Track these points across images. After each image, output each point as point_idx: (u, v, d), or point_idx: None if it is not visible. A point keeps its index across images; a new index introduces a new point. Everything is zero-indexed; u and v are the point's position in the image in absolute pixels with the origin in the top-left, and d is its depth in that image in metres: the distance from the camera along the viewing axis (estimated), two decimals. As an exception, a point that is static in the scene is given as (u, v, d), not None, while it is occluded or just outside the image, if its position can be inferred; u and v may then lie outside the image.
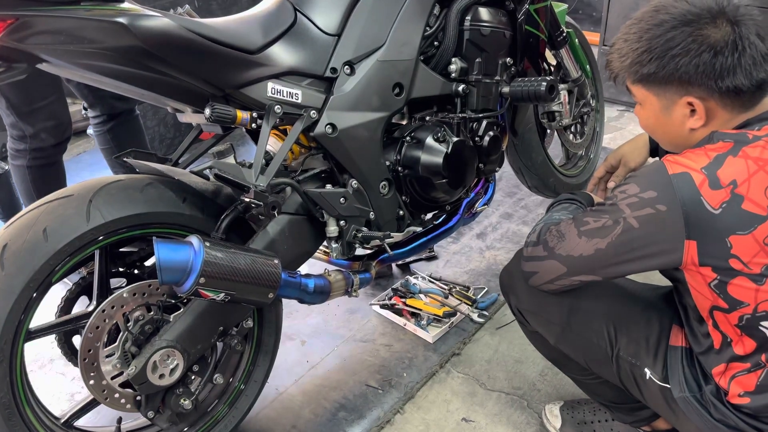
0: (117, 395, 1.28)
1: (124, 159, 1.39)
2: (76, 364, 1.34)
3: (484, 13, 1.62)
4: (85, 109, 3.35)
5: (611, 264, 1.11)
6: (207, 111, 1.23)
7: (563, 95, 2.18)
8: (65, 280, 1.22)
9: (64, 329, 1.29)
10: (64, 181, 2.15)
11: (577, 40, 2.20)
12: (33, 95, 1.91)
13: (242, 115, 1.28)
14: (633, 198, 1.05)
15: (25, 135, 1.97)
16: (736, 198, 0.98)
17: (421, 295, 2.01)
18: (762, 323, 1.04)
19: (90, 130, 3.31)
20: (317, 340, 1.91)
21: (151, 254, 1.39)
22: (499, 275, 1.45)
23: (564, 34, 2.02)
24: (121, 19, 1.08)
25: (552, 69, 2.12)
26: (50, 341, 1.42)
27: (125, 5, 1.13)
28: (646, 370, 1.21)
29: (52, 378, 1.83)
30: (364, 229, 1.50)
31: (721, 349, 1.11)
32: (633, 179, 1.08)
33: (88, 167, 3.11)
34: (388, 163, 1.55)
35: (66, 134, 2.05)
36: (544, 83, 1.58)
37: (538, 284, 1.26)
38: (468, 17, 1.59)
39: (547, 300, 1.31)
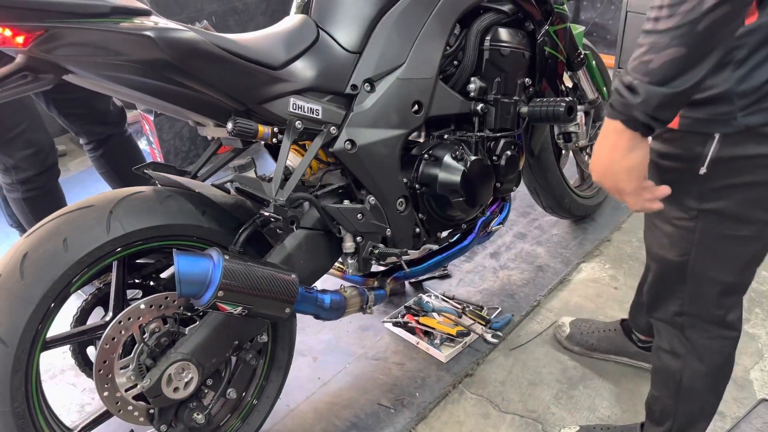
0: (130, 408, 1.27)
1: (144, 171, 1.39)
2: (89, 375, 1.34)
3: (503, 33, 1.63)
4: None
5: None
6: (229, 125, 1.24)
7: (580, 116, 2.18)
8: (79, 291, 1.22)
9: (80, 340, 1.29)
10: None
11: (594, 62, 2.20)
12: (2, 126, 1.84)
13: (263, 129, 1.29)
14: None
15: (7, 167, 1.93)
16: None
17: (434, 314, 2.00)
18: None
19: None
20: (329, 357, 1.89)
21: (168, 266, 1.39)
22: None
23: (582, 56, 2.03)
24: (148, 33, 1.10)
25: (569, 90, 2.13)
26: (62, 351, 1.41)
27: (152, 19, 1.14)
28: None
29: (64, 389, 1.83)
30: (381, 245, 1.50)
31: None
32: None
33: (102, 178, 3.13)
34: (405, 180, 1.55)
35: (48, 161, 1.97)
36: (564, 104, 1.58)
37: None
38: (488, 37, 1.60)
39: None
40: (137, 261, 1.37)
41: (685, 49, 0.81)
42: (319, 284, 1.49)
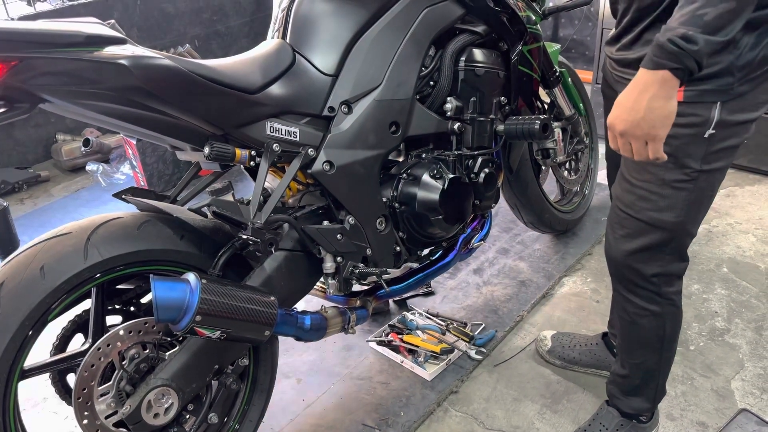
0: (110, 435, 1.26)
1: (123, 196, 1.40)
2: (69, 403, 1.33)
3: (478, 54, 1.66)
4: (84, 146, 3.40)
5: None
6: (206, 149, 1.25)
7: (557, 133, 2.21)
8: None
9: (59, 368, 1.28)
10: None
11: (570, 79, 2.24)
12: None
13: (241, 153, 1.30)
14: None
15: None
16: None
17: (419, 332, 2.00)
18: None
19: (89, 166, 3.35)
20: (313, 378, 1.89)
21: (148, 291, 1.39)
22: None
23: (557, 74, 2.06)
24: (122, 61, 1.11)
25: (546, 107, 2.16)
26: (44, 379, 1.40)
27: (127, 47, 1.15)
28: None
29: (45, 417, 1.81)
30: (361, 265, 1.51)
31: None
32: None
33: (86, 203, 3.13)
34: (384, 199, 1.56)
35: None
36: (538, 122, 1.61)
37: None
38: (462, 58, 1.63)
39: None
40: (117, 287, 1.37)
41: (735, 2, 0.98)
42: (302, 305, 1.50)
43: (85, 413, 1.23)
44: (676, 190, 1.26)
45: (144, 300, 1.39)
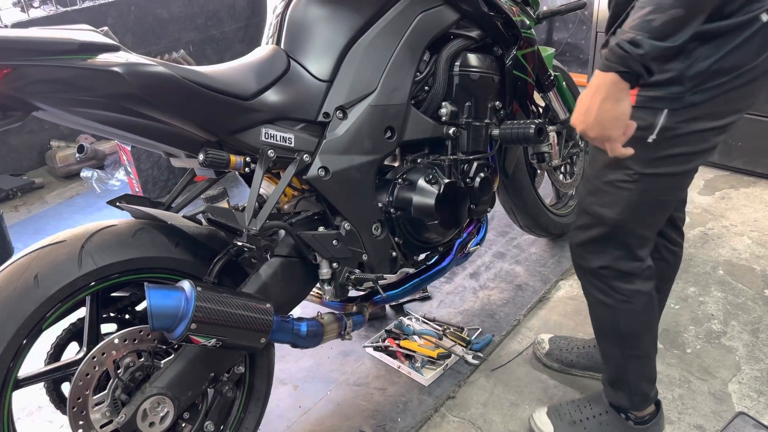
0: (105, 444, 1.25)
1: (117, 204, 1.39)
2: (64, 412, 1.32)
3: (472, 59, 1.66)
4: (78, 152, 3.39)
5: None
6: (201, 156, 1.24)
7: (552, 137, 2.21)
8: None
9: (54, 377, 1.27)
10: None
11: (564, 82, 2.24)
12: None
13: (235, 159, 1.29)
14: None
15: None
16: None
17: (415, 337, 2.00)
18: None
19: (83, 173, 3.34)
20: (310, 385, 1.88)
21: (142, 299, 1.38)
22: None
23: (552, 78, 2.07)
24: (116, 68, 1.10)
25: (541, 111, 2.16)
26: (38, 388, 1.39)
27: (120, 54, 1.15)
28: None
29: (40, 426, 1.79)
30: (357, 270, 1.50)
31: None
32: None
33: (80, 210, 3.12)
34: (380, 204, 1.56)
35: None
36: (533, 126, 1.61)
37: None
38: (457, 63, 1.63)
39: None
40: (111, 295, 1.36)
41: (683, 10, 0.99)
42: (298, 311, 1.49)
43: (80, 422, 1.22)
44: (618, 189, 1.29)
45: (139, 308, 1.39)
